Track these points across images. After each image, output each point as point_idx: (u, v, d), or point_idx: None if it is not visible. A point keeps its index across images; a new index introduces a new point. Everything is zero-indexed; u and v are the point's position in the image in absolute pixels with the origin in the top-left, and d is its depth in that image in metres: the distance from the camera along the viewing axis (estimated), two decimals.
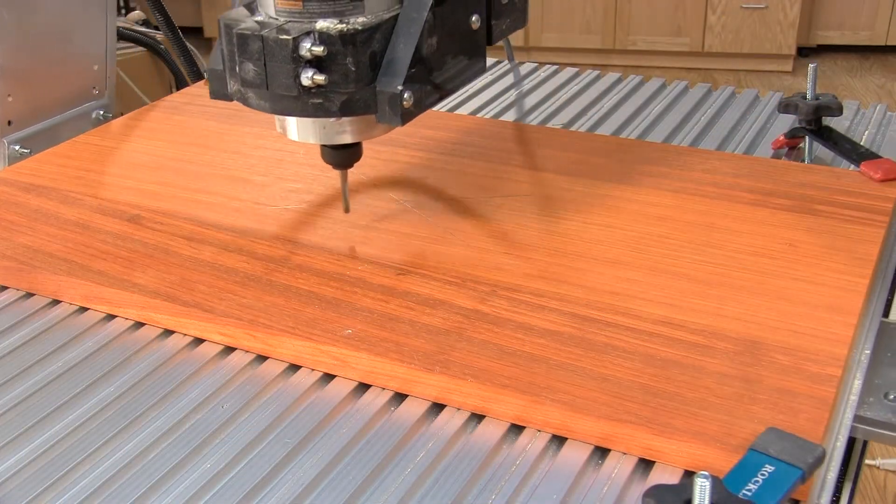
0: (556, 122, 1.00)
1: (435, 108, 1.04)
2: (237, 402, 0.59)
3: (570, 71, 1.15)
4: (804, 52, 3.74)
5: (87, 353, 0.64)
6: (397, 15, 0.64)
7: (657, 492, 0.47)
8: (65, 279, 0.70)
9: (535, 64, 1.17)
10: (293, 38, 0.60)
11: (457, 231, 0.74)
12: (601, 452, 0.55)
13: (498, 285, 0.67)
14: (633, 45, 3.73)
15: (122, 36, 1.33)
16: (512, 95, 1.08)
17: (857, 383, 0.59)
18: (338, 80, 0.62)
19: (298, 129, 0.68)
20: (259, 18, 0.64)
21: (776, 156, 0.92)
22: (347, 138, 0.68)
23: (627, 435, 0.54)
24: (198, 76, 1.18)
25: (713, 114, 1.02)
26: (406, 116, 0.63)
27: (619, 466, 0.53)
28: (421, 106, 0.65)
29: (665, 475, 0.53)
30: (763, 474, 0.49)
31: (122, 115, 1.01)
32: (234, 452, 0.55)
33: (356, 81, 0.62)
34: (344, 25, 0.61)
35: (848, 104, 0.99)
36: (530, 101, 1.06)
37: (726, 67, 3.70)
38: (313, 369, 0.62)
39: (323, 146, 0.70)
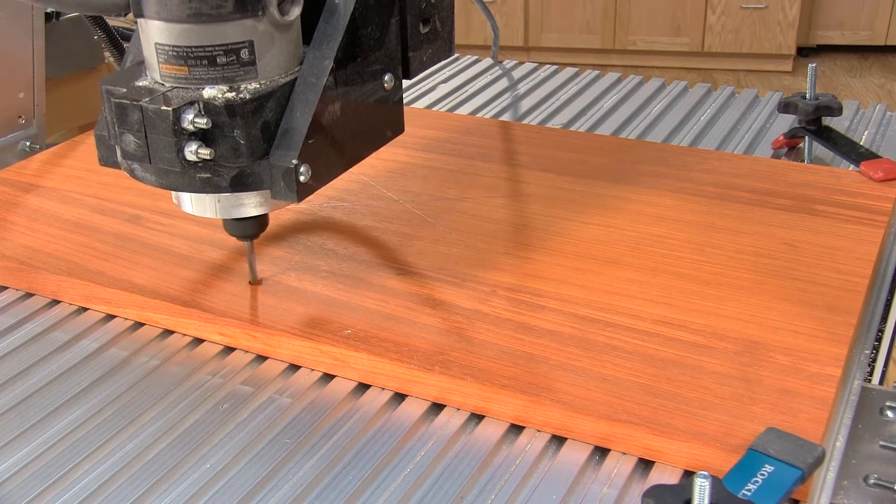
0: (556, 122, 1.00)
1: (435, 109, 1.04)
2: (237, 402, 0.59)
3: (569, 71, 1.15)
4: (804, 52, 3.74)
5: (87, 353, 0.64)
6: (295, 79, 0.58)
7: (657, 492, 0.47)
8: (65, 279, 0.70)
9: (535, 64, 1.17)
10: (174, 110, 0.54)
11: (457, 231, 0.74)
12: (601, 452, 0.55)
13: (498, 285, 0.67)
14: (633, 45, 3.73)
15: (123, 36, 1.33)
16: (512, 95, 1.08)
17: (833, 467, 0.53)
18: (226, 153, 0.56)
19: (192, 202, 0.62)
20: (144, 83, 0.58)
21: (776, 156, 0.92)
22: (248, 211, 0.61)
23: (627, 435, 0.54)
24: None
25: (713, 114, 1.02)
26: (303, 192, 0.58)
27: (618, 466, 0.53)
28: (322, 179, 0.59)
29: (665, 475, 0.53)
30: (763, 474, 0.49)
31: None
32: (234, 452, 0.55)
33: (247, 156, 0.56)
34: (233, 94, 0.55)
35: (848, 104, 0.99)
36: (530, 101, 1.06)
37: (726, 67, 3.70)
38: (313, 369, 0.62)
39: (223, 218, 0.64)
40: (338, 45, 0.58)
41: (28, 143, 1.01)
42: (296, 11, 0.57)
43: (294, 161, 0.57)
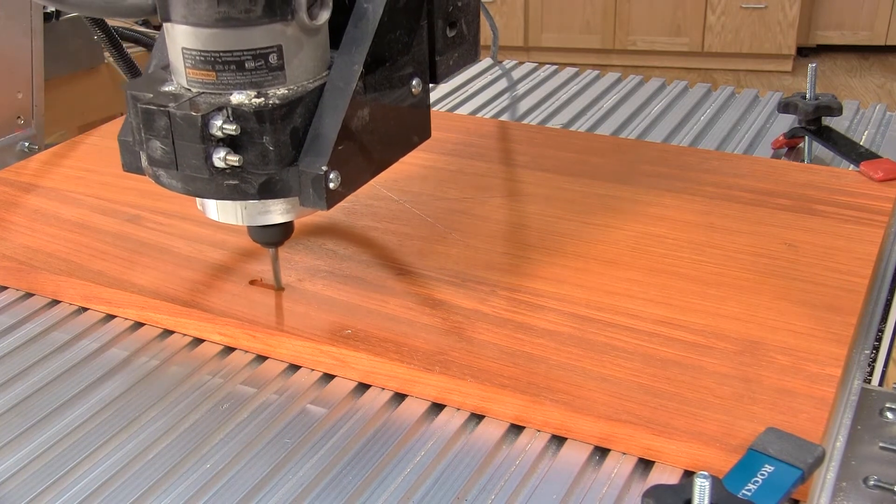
0: (555, 122, 1.00)
1: (435, 109, 1.04)
2: (237, 402, 0.59)
3: (569, 71, 1.15)
4: (804, 52, 3.74)
5: (87, 353, 0.64)
6: (324, 84, 0.57)
7: (657, 492, 0.47)
8: (64, 279, 0.70)
9: (535, 64, 1.17)
10: (202, 116, 0.53)
11: (457, 231, 0.74)
12: (601, 452, 0.55)
13: (498, 285, 0.67)
14: (633, 45, 3.73)
15: (123, 36, 1.33)
16: (511, 95, 1.08)
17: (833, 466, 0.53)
18: (254, 160, 0.55)
19: (218, 209, 0.61)
20: (170, 88, 0.57)
21: (776, 156, 0.92)
22: (274, 218, 0.60)
23: (627, 435, 0.54)
24: None
25: (713, 114, 1.02)
26: (332, 199, 0.57)
27: (618, 466, 0.53)
28: (351, 186, 0.58)
29: (665, 475, 0.53)
30: (763, 474, 0.49)
31: (121, 114, 1.01)
32: (234, 452, 0.55)
33: (275, 162, 0.55)
34: (261, 99, 0.55)
35: (848, 104, 0.99)
36: (530, 101, 1.06)
37: (726, 67, 3.70)
38: (313, 369, 0.62)
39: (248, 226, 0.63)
40: (367, 49, 0.57)
41: (27, 144, 1.00)
42: (325, 16, 0.56)
43: (324, 168, 0.56)
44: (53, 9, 1.38)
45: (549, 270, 0.68)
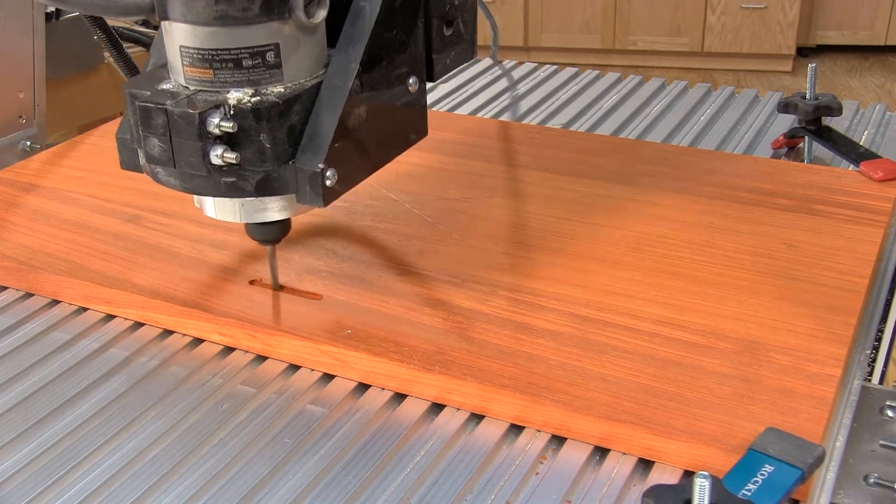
0: (555, 122, 1.00)
1: (434, 108, 1.04)
2: (237, 402, 0.59)
3: (569, 71, 1.15)
4: (804, 52, 3.74)
5: (87, 353, 0.64)
6: (321, 82, 0.57)
7: (657, 492, 0.47)
8: (64, 279, 0.70)
9: (535, 64, 1.17)
10: (199, 113, 0.53)
11: (457, 231, 0.74)
12: (601, 452, 0.55)
13: (498, 285, 0.67)
14: (633, 45, 3.73)
15: (123, 36, 1.33)
16: (511, 95, 1.08)
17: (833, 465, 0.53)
18: (252, 158, 0.55)
19: (216, 207, 0.61)
20: (168, 86, 0.57)
21: (776, 156, 0.92)
22: (271, 215, 0.61)
23: (627, 435, 0.54)
24: None
25: (713, 114, 1.02)
26: (329, 196, 0.57)
27: (618, 466, 0.53)
28: (348, 183, 0.59)
29: (665, 475, 0.53)
30: (763, 474, 0.49)
31: (121, 114, 1.01)
32: (234, 452, 0.55)
33: (273, 160, 0.56)
34: (258, 97, 0.55)
35: (847, 104, 0.99)
36: (530, 101, 1.06)
37: (726, 67, 3.70)
38: (313, 369, 0.62)
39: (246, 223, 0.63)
40: (364, 48, 0.58)
41: (28, 143, 1.00)
42: (322, 14, 0.56)
43: (320, 165, 0.56)
44: (54, 9, 1.38)
45: (549, 270, 0.68)
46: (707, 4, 3.60)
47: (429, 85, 0.66)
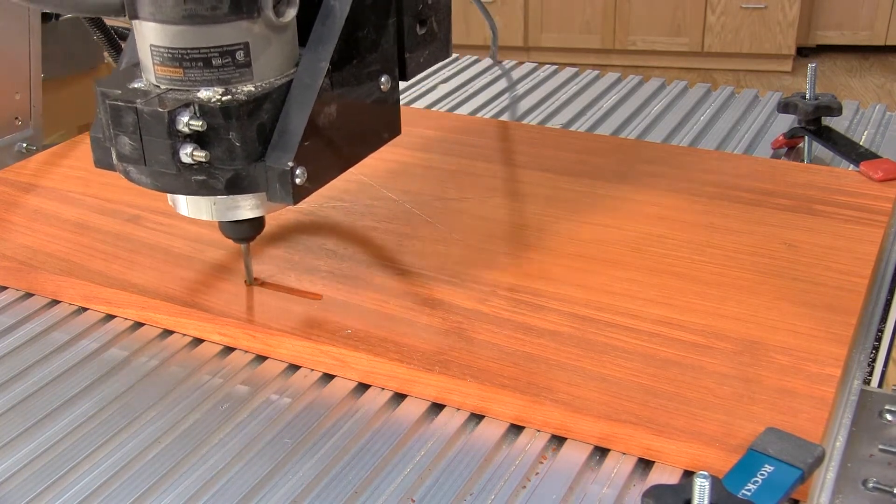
0: (555, 122, 1.01)
1: (434, 109, 1.04)
2: (237, 402, 0.59)
3: (569, 71, 1.15)
4: (804, 52, 3.74)
5: (87, 353, 0.64)
6: (291, 81, 0.58)
7: (657, 492, 0.47)
8: (64, 279, 0.70)
9: (535, 64, 1.17)
10: (168, 112, 0.53)
11: (457, 231, 0.74)
12: (601, 452, 0.55)
13: (498, 285, 0.67)
14: (633, 45, 3.73)
15: (122, 36, 1.33)
16: (511, 95, 1.08)
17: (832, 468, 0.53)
18: (221, 156, 0.56)
19: (189, 205, 0.61)
20: (139, 85, 0.57)
21: (776, 156, 0.92)
22: (244, 213, 0.61)
23: (627, 435, 0.54)
24: None
25: (713, 114, 1.02)
26: (299, 194, 0.57)
27: (618, 466, 0.53)
28: (318, 181, 0.59)
29: (665, 475, 0.53)
30: (762, 474, 0.49)
31: None
32: (234, 452, 0.55)
33: (242, 158, 0.56)
34: (228, 96, 0.55)
35: (847, 104, 0.99)
36: (530, 101, 1.06)
37: (726, 67, 3.70)
38: (313, 369, 0.62)
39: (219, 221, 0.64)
40: (334, 46, 0.58)
41: (25, 145, 1.00)
42: (291, 13, 0.57)
43: (290, 163, 0.56)
44: (48, 10, 1.38)
45: (549, 270, 0.68)
46: (707, 4, 3.60)
47: (429, 85, 0.66)
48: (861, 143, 0.89)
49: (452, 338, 0.61)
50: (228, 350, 0.64)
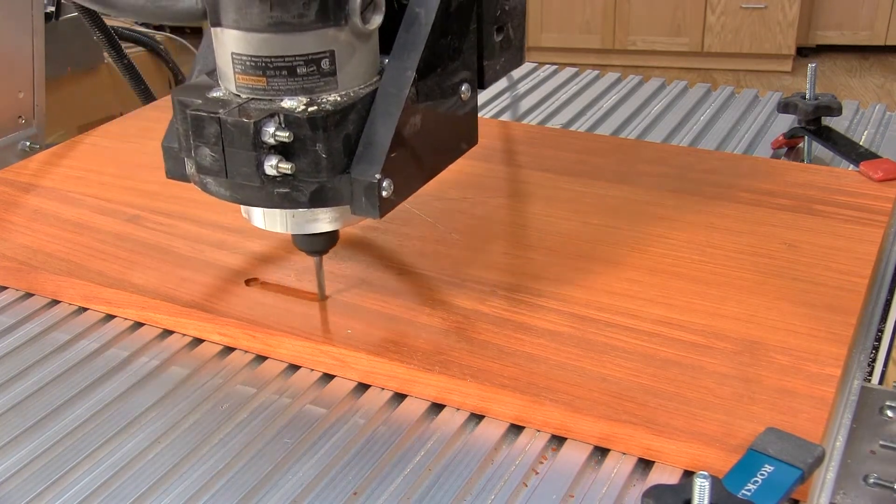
0: (555, 122, 1.00)
1: None
2: (237, 402, 0.59)
3: (569, 71, 1.15)
4: (803, 52, 3.74)
5: (87, 353, 0.64)
6: (375, 90, 0.56)
7: (657, 492, 0.47)
8: (64, 279, 0.70)
9: (535, 64, 1.17)
10: (254, 122, 0.52)
11: (457, 231, 0.74)
12: (601, 452, 0.55)
13: (498, 285, 0.67)
14: (633, 45, 3.73)
15: (122, 36, 1.33)
16: (511, 95, 1.08)
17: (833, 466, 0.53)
18: (306, 168, 0.54)
19: (265, 217, 0.60)
20: (218, 94, 0.56)
21: (776, 156, 0.92)
22: (321, 227, 0.60)
23: (627, 435, 0.54)
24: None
25: (713, 114, 1.02)
26: (385, 207, 0.56)
27: (618, 466, 0.53)
28: (403, 193, 0.57)
29: (665, 475, 0.53)
30: (762, 474, 0.49)
31: (121, 114, 1.01)
32: (234, 452, 0.55)
33: (328, 170, 0.54)
34: (314, 106, 0.53)
35: (847, 104, 0.99)
36: (530, 101, 1.06)
37: (726, 67, 3.70)
38: (313, 369, 0.62)
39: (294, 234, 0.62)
40: (420, 55, 0.56)
41: (28, 143, 1.00)
42: (378, 20, 0.55)
43: (377, 175, 0.55)
44: (53, 9, 1.38)
45: (549, 270, 0.68)
46: (707, 4, 3.60)
47: None
48: (861, 143, 0.89)
49: (452, 338, 0.61)
50: (228, 350, 0.64)
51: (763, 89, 1.08)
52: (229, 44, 0.54)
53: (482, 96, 1.07)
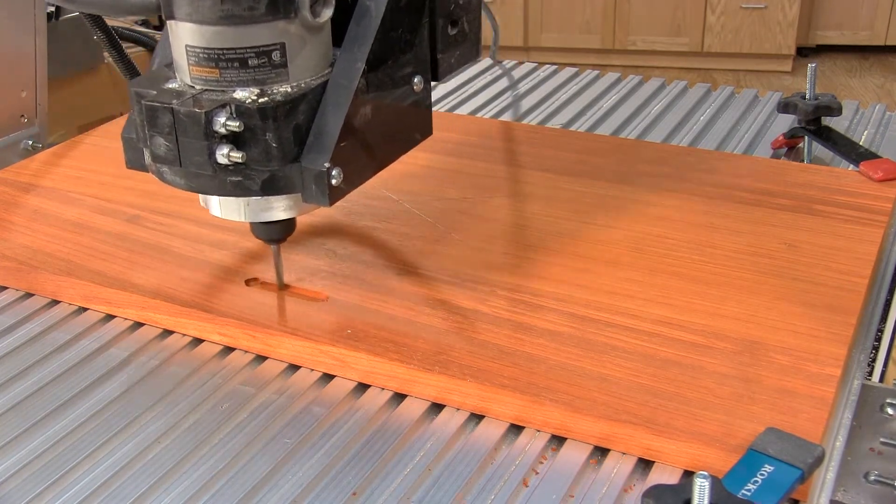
0: (555, 122, 1.01)
1: (435, 108, 1.04)
2: (237, 402, 0.59)
3: (569, 71, 1.15)
4: (803, 52, 3.74)
5: (87, 353, 0.64)
6: (326, 82, 0.57)
7: (657, 492, 0.47)
8: (64, 279, 0.70)
9: (535, 64, 1.17)
10: (205, 113, 0.53)
11: (457, 231, 0.74)
12: (601, 452, 0.55)
13: (498, 285, 0.67)
14: (633, 45, 3.73)
15: (122, 36, 1.33)
16: (511, 95, 1.08)
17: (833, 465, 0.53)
18: (257, 157, 0.56)
19: (221, 206, 0.61)
20: (174, 85, 0.57)
21: (776, 156, 0.92)
22: (276, 215, 0.61)
23: (627, 435, 0.54)
24: None
25: (713, 114, 1.02)
26: (335, 195, 0.57)
27: (618, 466, 0.53)
28: (353, 182, 0.59)
29: (664, 475, 0.53)
30: (762, 474, 0.49)
31: (121, 114, 1.01)
32: (234, 452, 0.55)
33: (278, 159, 0.56)
34: (265, 97, 0.55)
35: (847, 104, 0.99)
36: (530, 101, 1.06)
37: (726, 67, 3.70)
38: (313, 369, 0.62)
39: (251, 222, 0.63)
40: (369, 47, 0.58)
41: (30, 142, 1.00)
42: (328, 13, 0.57)
43: (326, 164, 0.56)
44: (54, 8, 1.38)
45: (549, 270, 0.68)
46: (707, 4, 3.60)
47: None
48: (861, 143, 0.89)
49: (452, 338, 0.61)
50: (228, 350, 0.64)
51: (763, 89, 1.08)
52: (183, 36, 0.56)
53: (482, 96, 1.08)
